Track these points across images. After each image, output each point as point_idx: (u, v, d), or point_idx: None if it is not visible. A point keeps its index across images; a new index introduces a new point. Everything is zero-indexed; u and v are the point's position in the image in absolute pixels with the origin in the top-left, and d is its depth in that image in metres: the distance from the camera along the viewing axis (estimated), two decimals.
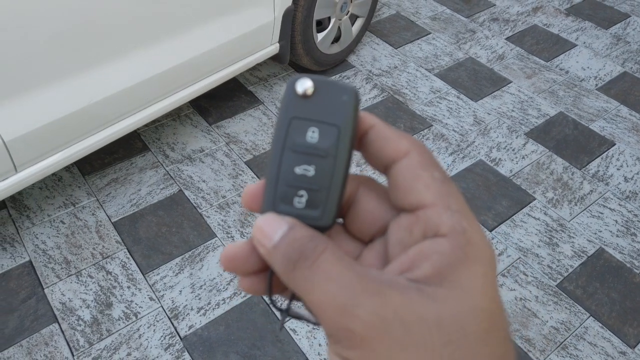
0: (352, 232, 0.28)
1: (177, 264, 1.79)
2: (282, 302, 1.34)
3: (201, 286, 1.73)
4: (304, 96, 0.25)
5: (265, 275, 0.27)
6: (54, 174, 2.05)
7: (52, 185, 2.01)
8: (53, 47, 1.45)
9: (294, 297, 0.27)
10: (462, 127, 2.36)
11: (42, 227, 1.87)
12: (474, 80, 2.61)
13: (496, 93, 2.54)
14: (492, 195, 2.06)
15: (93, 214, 1.92)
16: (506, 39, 2.88)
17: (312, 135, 0.25)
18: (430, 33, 2.90)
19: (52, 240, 1.83)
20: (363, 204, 0.27)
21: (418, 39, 2.86)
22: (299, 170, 0.25)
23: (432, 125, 2.36)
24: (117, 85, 1.68)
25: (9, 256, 1.78)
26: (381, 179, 1.85)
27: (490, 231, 1.93)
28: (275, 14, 2.07)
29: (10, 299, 1.67)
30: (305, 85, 0.25)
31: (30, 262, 1.77)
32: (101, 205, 1.95)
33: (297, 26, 2.23)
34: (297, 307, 0.29)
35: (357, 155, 2.16)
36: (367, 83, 2.57)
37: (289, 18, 2.14)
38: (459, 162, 2.19)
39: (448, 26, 2.96)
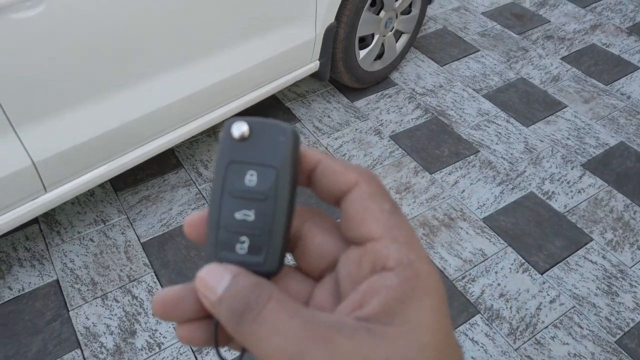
0: (301, 268, 0.27)
1: None
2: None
3: None
4: (241, 139, 0.25)
5: (204, 324, 0.25)
6: None
7: (84, 200, 1.98)
8: (87, 67, 1.40)
9: (245, 349, 0.25)
10: (511, 154, 2.20)
11: (72, 244, 1.83)
12: (525, 103, 2.45)
13: (550, 118, 2.37)
14: (544, 233, 1.90)
15: (122, 233, 1.87)
16: (561, 58, 2.70)
17: (251, 178, 0.25)
18: (478, 50, 2.75)
19: (80, 259, 1.79)
20: (310, 239, 0.27)
21: (466, 56, 2.71)
22: (239, 215, 0.25)
23: (479, 151, 2.21)
24: (155, 104, 1.62)
25: (37, 274, 1.75)
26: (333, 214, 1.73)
27: (542, 274, 1.77)
28: (316, 31, 1.98)
29: (36, 319, 1.63)
30: (241, 128, 0.25)
31: (57, 281, 1.73)
32: (131, 224, 1.90)
33: (338, 43, 2.13)
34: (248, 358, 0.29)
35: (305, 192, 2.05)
36: (409, 102, 2.44)
37: (330, 35, 2.05)
38: (508, 193, 2.04)
39: (498, 43, 2.80)
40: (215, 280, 0.23)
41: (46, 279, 1.73)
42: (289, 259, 1.65)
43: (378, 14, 2.22)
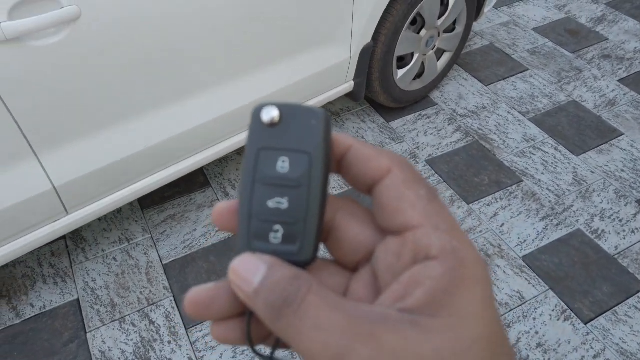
0: (335, 259, 0.27)
1: None
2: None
3: (244, 351, 1.58)
4: (271, 125, 0.24)
5: (239, 322, 0.25)
6: None
7: (111, 217, 1.97)
8: (111, 92, 1.37)
9: (277, 344, 0.25)
10: (558, 186, 2.03)
11: (95, 262, 1.82)
12: (576, 129, 2.27)
13: (603, 147, 2.18)
14: (590, 277, 1.73)
15: (145, 253, 1.85)
16: (619, 80, 2.49)
17: (283, 165, 0.24)
18: (527, 69, 2.58)
19: (102, 279, 1.78)
20: (343, 230, 0.26)
21: (513, 75, 2.55)
22: (271, 203, 0.24)
23: (522, 181, 2.06)
24: (184, 125, 1.58)
25: (59, 292, 1.74)
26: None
27: (586, 324, 1.61)
28: (352, 51, 1.89)
29: (54, 340, 1.62)
30: (270, 113, 0.24)
31: (77, 300, 1.72)
32: (155, 244, 1.88)
33: (375, 63, 2.04)
34: (280, 353, 0.22)
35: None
36: (449, 124, 2.31)
37: (366, 55, 1.95)
38: (552, 229, 1.88)
39: (549, 62, 2.62)
40: (250, 271, 0.22)
41: (67, 298, 1.73)
42: (322, 250, 1.57)
43: (419, 32, 2.11)
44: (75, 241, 1.89)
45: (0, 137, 1.25)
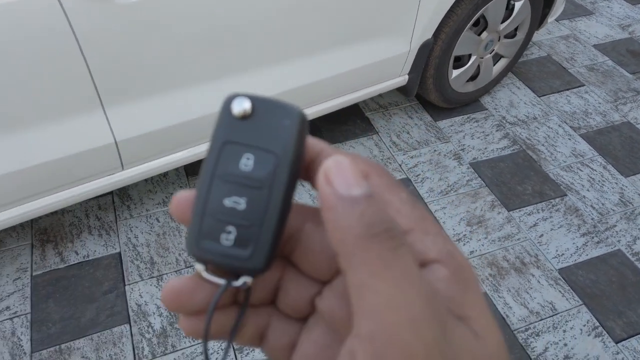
0: (304, 272, 0.25)
1: None
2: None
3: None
4: (241, 117, 0.23)
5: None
6: None
7: (157, 180, 2.03)
8: (181, 56, 1.42)
9: (231, 341, 0.24)
10: (603, 204, 2.00)
11: (139, 220, 1.89)
12: (628, 150, 2.22)
13: None
14: (626, 298, 1.71)
15: None
16: None
17: (247, 162, 0.22)
18: (583, 85, 2.53)
19: (144, 237, 1.84)
20: (312, 243, 0.24)
21: (568, 89, 2.51)
22: (228, 202, 0.22)
23: (566, 195, 2.03)
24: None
25: (103, 243, 1.82)
26: None
27: (617, 343, 1.59)
28: (411, 45, 1.90)
29: (94, 288, 1.70)
30: (242, 105, 0.22)
31: (119, 254, 1.79)
32: None
33: (432, 60, 2.04)
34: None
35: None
36: (497, 130, 2.30)
37: (425, 51, 1.96)
38: (592, 247, 1.86)
39: (607, 80, 2.57)
40: (350, 177, 0.19)
41: (110, 250, 1.80)
42: None
43: (480, 34, 2.10)
44: (121, 198, 1.96)
45: (74, 86, 1.31)
